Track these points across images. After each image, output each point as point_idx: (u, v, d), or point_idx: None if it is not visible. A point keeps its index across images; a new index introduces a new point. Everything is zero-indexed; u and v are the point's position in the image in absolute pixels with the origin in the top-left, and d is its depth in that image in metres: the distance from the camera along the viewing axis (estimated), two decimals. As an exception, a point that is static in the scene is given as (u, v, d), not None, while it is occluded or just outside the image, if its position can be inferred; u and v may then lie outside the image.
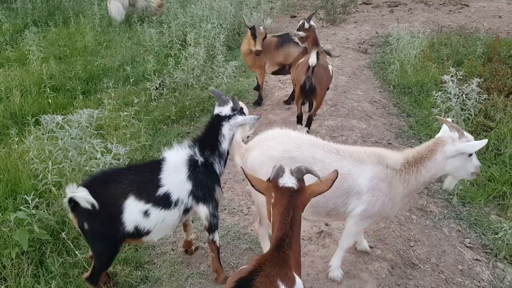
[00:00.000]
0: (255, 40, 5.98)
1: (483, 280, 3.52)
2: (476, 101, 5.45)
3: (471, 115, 5.46)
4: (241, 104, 3.19)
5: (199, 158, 3.03)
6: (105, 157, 3.91)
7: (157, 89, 6.54)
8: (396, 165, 3.02)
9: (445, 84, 5.46)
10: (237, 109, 3.10)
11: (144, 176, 2.89)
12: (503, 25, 11.63)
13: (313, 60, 4.96)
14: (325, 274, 3.31)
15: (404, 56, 8.18)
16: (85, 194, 2.66)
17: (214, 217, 3.10)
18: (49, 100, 6.05)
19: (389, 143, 5.54)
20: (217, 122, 3.10)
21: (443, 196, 4.63)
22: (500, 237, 3.90)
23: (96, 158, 3.93)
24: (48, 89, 6.06)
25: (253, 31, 5.97)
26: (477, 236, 4.08)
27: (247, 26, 6.12)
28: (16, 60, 7.62)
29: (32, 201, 3.31)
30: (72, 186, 2.70)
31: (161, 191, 2.86)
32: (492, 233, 4.08)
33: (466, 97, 5.40)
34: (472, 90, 5.38)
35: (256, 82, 6.67)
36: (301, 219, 2.14)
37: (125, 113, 5.18)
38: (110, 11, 10.04)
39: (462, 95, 5.38)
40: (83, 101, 6.31)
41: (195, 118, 6.07)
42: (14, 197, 3.99)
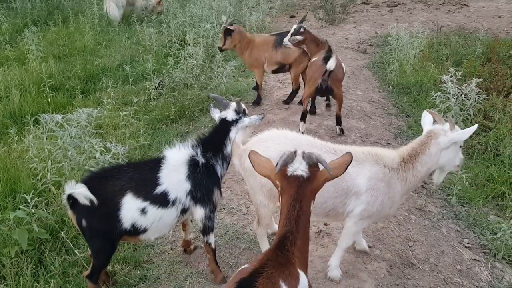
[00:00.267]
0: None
1: (482, 280, 3.53)
2: (475, 101, 5.46)
3: (470, 115, 5.47)
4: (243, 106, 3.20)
5: (200, 159, 3.02)
6: (104, 157, 3.92)
7: (156, 89, 6.54)
8: (393, 164, 3.02)
9: (444, 84, 5.47)
10: (241, 112, 3.11)
11: (143, 174, 2.89)
12: (503, 25, 11.64)
13: (332, 65, 4.96)
14: (324, 274, 3.32)
15: (403, 56, 8.19)
16: (84, 191, 2.66)
17: (209, 220, 3.09)
18: (49, 100, 6.05)
19: (388, 143, 5.54)
20: (225, 127, 3.11)
21: (442, 196, 4.64)
22: (499, 237, 3.91)
23: (95, 158, 3.94)
24: (48, 89, 6.06)
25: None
26: (476, 236, 4.09)
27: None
28: (16, 60, 7.62)
29: (32, 200, 3.31)
30: (71, 183, 2.70)
31: (159, 190, 2.86)
32: (491, 233, 4.08)
33: (465, 97, 5.41)
34: (471, 90, 5.39)
35: (255, 82, 6.67)
36: (311, 209, 2.00)
37: (124, 113, 5.19)
38: (106, 10, 10.01)
39: (461, 95, 5.39)
40: (83, 101, 6.31)
41: (194, 118, 6.07)
42: (14, 196, 3.99)
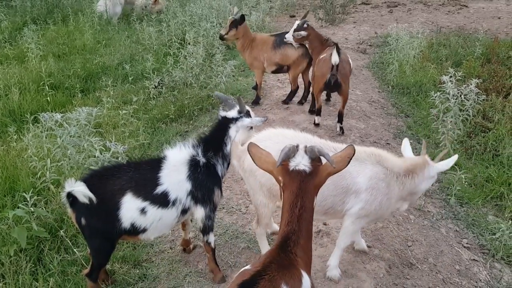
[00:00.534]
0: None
1: (480, 281, 3.53)
2: (475, 102, 5.46)
3: (470, 116, 5.47)
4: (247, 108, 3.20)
5: (201, 159, 3.01)
6: (104, 155, 3.91)
7: (156, 88, 6.54)
8: (394, 167, 3.05)
9: (444, 85, 5.47)
10: (244, 111, 3.10)
11: (143, 174, 2.88)
12: (502, 26, 11.66)
13: (336, 59, 5.07)
14: (323, 273, 3.32)
15: (403, 57, 8.19)
16: (83, 189, 2.65)
17: (210, 220, 3.08)
18: (48, 98, 6.04)
19: (388, 143, 5.55)
20: (225, 124, 3.09)
21: (441, 197, 4.64)
22: (498, 238, 3.91)
23: (95, 156, 3.93)
24: (47, 87, 6.05)
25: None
26: (475, 237, 4.09)
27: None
28: (15, 58, 7.61)
29: (31, 199, 3.31)
30: (71, 181, 2.69)
31: (160, 190, 2.84)
32: (490, 234, 4.09)
33: (465, 98, 5.41)
34: (471, 91, 5.39)
35: (255, 82, 6.66)
36: (314, 206, 1.93)
37: (124, 112, 5.18)
38: (106, 8, 9.97)
39: (461, 96, 5.39)
40: (82, 99, 6.30)
41: (194, 117, 6.07)
42: (13, 195, 3.98)
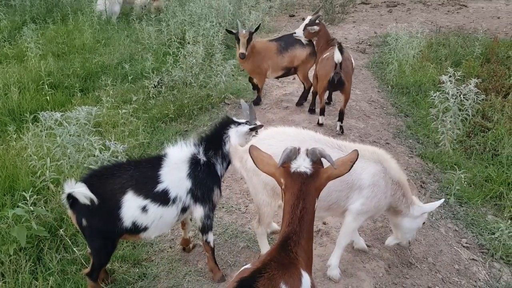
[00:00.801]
0: (239, 44, 5.85)
1: (480, 280, 3.54)
2: (474, 102, 5.46)
3: (469, 116, 5.48)
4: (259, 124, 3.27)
5: (202, 157, 3.03)
6: (103, 155, 3.91)
7: (156, 87, 6.53)
8: (391, 171, 3.12)
9: (443, 85, 5.47)
10: (251, 123, 3.18)
11: (144, 172, 2.88)
12: (502, 26, 11.68)
13: (339, 57, 5.11)
14: (322, 273, 3.32)
15: (403, 56, 8.20)
16: (84, 190, 2.64)
17: (209, 219, 3.09)
18: (47, 97, 6.03)
19: (387, 143, 5.55)
20: (226, 123, 3.15)
21: (440, 196, 4.65)
22: (497, 237, 3.92)
23: (95, 156, 3.93)
24: (46, 86, 6.04)
25: (236, 35, 5.83)
26: (474, 236, 4.10)
27: (232, 33, 5.96)
28: (14, 57, 7.60)
29: (30, 198, 3.31)
30: (71, 182, 2.68)
31: (160, 188, 2.85)
32: (489, 233, 4.10)
33: (464, 98, 5.42)
34: (470, 91, 5.39)
35: (255, 83, 6.61)
36: (315, 208, 1.95)
37: (123, 111, 5.18)
38: (105, 8, 9.95)
39: (460, 96, 5.40)
40: (81, 99, 6.30)
41: (194, 116, 6.07)
42: (12, 194, 3.98)
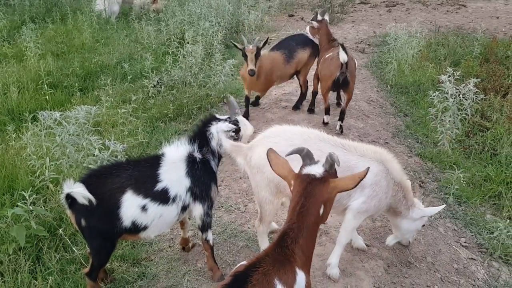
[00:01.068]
0: (246, 60, 5.46)
1: (478, 279, 3.55)
2: (473, 101, 5.48)
3: (468, 115, 5.49)
4: (242, 120, 3.23)
5: (198, 155, 3.05)
6: (103, 154, 3.91)
7: (155, 87, 6.53)
8: (393, 172, 3.14)
9: (442, 84, 5.48)
10: (232, 118, 3.18)
11: (143, 171, 2.89)
12: (500, 26, 11.69)
13: (344, 57, 5.16)
14: (321, 272, 3.33)
15: (402, 56, 8.20)
16: (82, 190, 2.63)
17: (208, 216, 3.10)
18: (47, 97, 6.03)
19: (386, 142, 5.56)
20: (208, 121, 3.18)
21: (439, 196, 4.66)
22: (496, 237, 3.93)
23: (94, 155, 3.93)
24: (46, 86, 6.04)
25: (243, 51, 5.45)
26: (473, 235, 4.11)
27: (238, 48, 5.55)
28: (14, 57, 7.60)
29: (30, 197, 3.31)
30: (69, 182, 2.67)
31: (160, 186, 2.86)
32: (488, 233, 4.11)
33: (463, 97, 5.43)
34: (469, 90, 5.40)
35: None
36: (319, 213, 1.96)
37: (123, 111, 5.18)
38: (104, 7, 9.94)
39: (459, 95, 5.41)
40: (81, 98, 6.30)
41: (193, 116, 6.07)
42: (12, 193, 3.98)
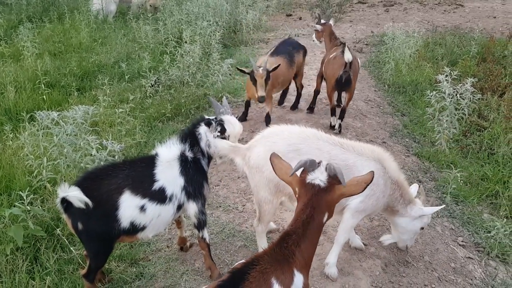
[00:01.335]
0: (256, 85, 5.06)
1: (476, 278, 3.56)
2: (470, 101, 5.49)
3: (465, 115, 5.50)
4: (228, 119, 3.23)
5: (189, 154, 3.09)
6: (100, 154, 3.91)
7: (153, 86, 6.53)
8: (390, 171, 3.15)
9: (440, 84, 5.50)
10: (216, 116, 3.22)
11: (139, 171, 2.89)
12: (498, 26, 11.72)
13: (349, 56, 5.25)
14: (319, 271, 3.34)
15: (399, 56, 8.21)
16: (78, 193, 2.59)
17: (203, 214, 3.13)
18: (44, 97, 6.02)
19: (384, 142, 5.57)
20: (198, 121, 3.23)
21: (437, 195, 4.67)
22: (493, 236, 3.94)
23: (91, 155, 3.93)
24: (43, 85, 6.03)
25: (251, 76, 5.10)
26: (470, 235, 4.12)
27: (246, 73, 5.18)
28: (11, 56, 7.58)
29: (27, 198, 3.30)
30: (64, 186, 2.62)
31: (157, 186, 2.87)
32: (485, 232, 4.12)
33: (460, 97, 5.44)
34: (466, 90, 5.42)
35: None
36: (323, 222, 1.99)
37: (120, 110, 5.18)
38: (101, 7, 9.92)
39: (456, 95, 5.42)
40: (78, 98, 6.29)
41: (191, 116, 6.06)
42: (9, 193, 3.97)
